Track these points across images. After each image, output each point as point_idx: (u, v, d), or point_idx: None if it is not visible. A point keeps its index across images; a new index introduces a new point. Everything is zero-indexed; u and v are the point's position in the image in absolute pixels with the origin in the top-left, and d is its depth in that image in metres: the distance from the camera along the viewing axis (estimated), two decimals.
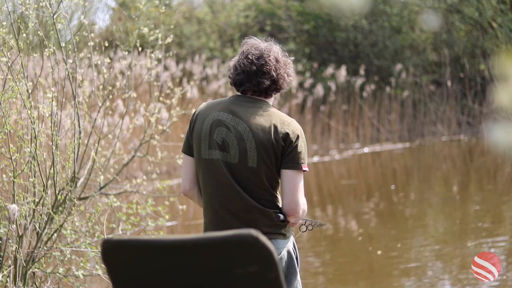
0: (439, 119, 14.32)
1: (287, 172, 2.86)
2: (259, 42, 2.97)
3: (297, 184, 2.86)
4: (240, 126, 2.86)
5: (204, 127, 2.91)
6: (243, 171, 2.84)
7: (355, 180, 10.34)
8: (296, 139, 2.86)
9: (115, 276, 2.22)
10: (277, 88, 2.95)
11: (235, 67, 2.95)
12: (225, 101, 2.96)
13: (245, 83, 2.91)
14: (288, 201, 2.86)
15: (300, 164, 2.86)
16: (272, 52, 2.93)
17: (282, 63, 2.95)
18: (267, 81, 2.90)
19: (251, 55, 2.92)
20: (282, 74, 2.93)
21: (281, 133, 2.84)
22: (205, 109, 2.97)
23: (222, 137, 2.87)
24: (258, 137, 2.83)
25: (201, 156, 2.91)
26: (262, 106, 2.91)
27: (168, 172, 10.22)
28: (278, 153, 2.85)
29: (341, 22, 14.45)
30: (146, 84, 9.42)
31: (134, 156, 5.25)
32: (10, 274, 4.13)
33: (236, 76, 2.93)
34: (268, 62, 2.90)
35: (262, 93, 2.94)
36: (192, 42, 14.28)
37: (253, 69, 2.90)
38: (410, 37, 14.83)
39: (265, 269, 2.09)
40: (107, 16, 13.49)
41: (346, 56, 14.64)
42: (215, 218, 2.91)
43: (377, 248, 6.46)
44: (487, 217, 7.59)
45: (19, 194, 4.23)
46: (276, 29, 14.80)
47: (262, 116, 2.87)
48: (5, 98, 4.13)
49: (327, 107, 13.59)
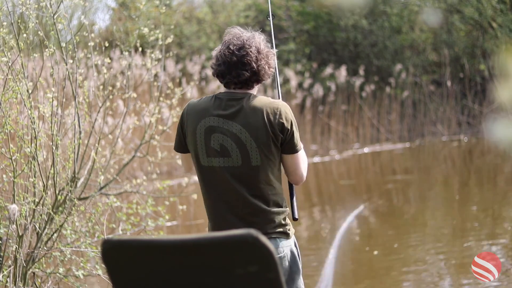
0: (439, 119, 14.32)
1: (288, 157, 2.93)
2: (242, 32, 2.93)
3: (298, 164, 2.95)
4: (234, 128, 2.83)
5: (198, 136, 2.88)
6: (248, 171, 2.84)
7: (355, 180, 10.34)
8: (291, 126, 2.87)
9: (115, 276, 2.22)
10: (258, 80, 2.91)
11: (217, 57, 2.92)
12: (209, 103, 2.90)
13: (226, 74, 2.88)
14: (293, 177, 2.99)
15: (298, 148, 2.93)
16: (254, 43, 2.89)
17: (264, 54, 2.90)
18: (247, 72, 2.86)
19: (232, 45, 2.88)
20: (263, 66, 2.89)
21: (277, 125, 2.83)
22: (193, 113, 2.92)
23: (220, 143, 2.84)
24: (255, 135, 2.82)
25: (201, 163, 2.90)
26: (247, 100, 2.87)
27: (168, 172, 10.22)
28: (278, 144, 2.86)
29: (341, 22, 14.45)
30: (145, 84, 9.42)
31: (134, 156, 5.25)
32: (10, 274, 4.13)
33: (218, 67, 2.91)
34: (249, 53, 2.86)
35: (244, 85, 2.90)
36: (192, 42, 14.28)
37: (233, 60, 2.86)
38: (410, 37, 14.83)
39: (265, 269, 2.09)
40: (107, 16, 13.49)
41: (346, 56, 14.64)
42: (222, 223, 2.90)
43: (376, 249, 6.46)
44: (487, 217, 7.59)
45: (19, 194, 4.23)
46: (276, 29, 14.79)
47: (251, 111, 2.84)
48: (6, 98, 4.13)
49: (327, 107, 13.59)
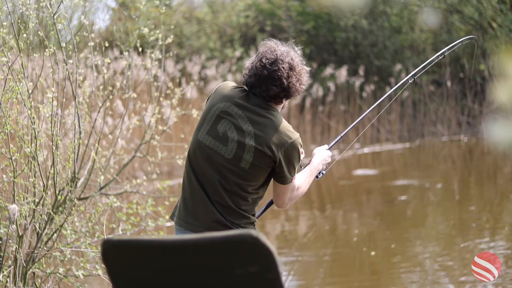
0: (439, 119, 14.32)
1: (276, 184, 2.96)
2: (278, 45, 2.91)
3: (285, 192, 2.96)
4: (245, 126, 2.84)
5: (212, 112, 2.89)
6: (232, 168, 2.84)
7: (354, 180, 10.34)
8: (286, 163, 2.86)
9: (115, 276, 2.22)
10: (287, 96, 2.89)
11: (249, 69, 2.91)
12: (240, 94, 2.91)
13: (256, 87, 2.87)
14: (275, 200, 3.02)
15: (287, 182, 2.92)
16: (288, 58, 2.87)
17: (297, 71, 2.89)
18: (276, 88, 2.84)
19: (265, 58, 2.86)
20: (293, 83, 2.87)
21: (279, 150, 2.83)
22: (222, 92, 2.93)
23: (225, 130, 2.85)
24: (258, 143, 2.82)
25: (197, 136, 2.91)
26: (271, 114, 2.87)
27: (169, 172, 10.22)
28: (271, 164, 2.86)
29: (341, 22, 14.45)
30: (143, 84, 9.42)
31: (134, 156, 5.25)
32: (10, 274, 4.13)
33: (249, 78, 2.90)
34: (281, 69, 2.84)
35: (272, 99, 2.89)
36: (192, 42, 14.28)
37: (264, 74, 2.84)
38: (410, 37, 14.83)
39: (265, 269, 2.09)
40: (107, 16, 13.48)
41: (346, 56, 14.64)
42: (190, 197, 2.93)
43: (375, 249, 6.46)
44: (487, 217, 7.59)
45: (19, 194, 4.23)
46: (276, 29, 14.80)
47: (267, 125, 2.84)
48: (6, 98, 4.13)
49: (327, 107, 13.59)
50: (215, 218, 2.86)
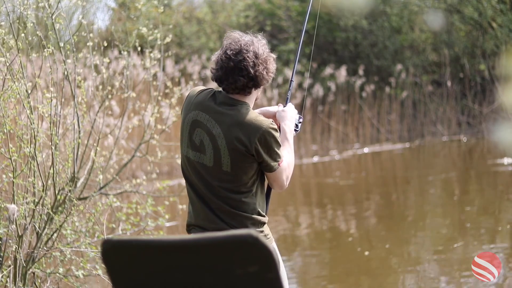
0: (439, 119, 14.32)
1: (265, 173, 2.93)
2: (241, 36, 2.90)
3: (276, 178, 2.92)
4: (214, 129, 2.83)
5: (185, 125, 2.90)
6: (218, 174, 2.84)
7: (354, 180, 10.34)
8: (265, 151, 2.83)
9: (115, 276, 2.22)
10: (256, 85, 2.87)
11: (216, 62, 2.90)
12: (207, 96, 2.90)
13: (224, 80, 2.86)
14: (271, 186, 2.99)
15: (274, 168, 2.88)
16: (252, 47, 2.85)
17: (263, 58, 2.86)
18: (244, 78, 2.82)
19: (229, 50, 2.84)
20: (260, 71, 2.85)
21: (251, 146, 2.80)
22: (190, 100, 2.93)
23: (200, 139, 2.85)
24: (230, 143, 2.80)
25: (182, 150, 2.93)
26: (239, 109, 2.85)
27: (168, 172, 10.22)
28: (251, 158, 2.83)
29: (341, 22, 14.44)
30: (142, 84, 9.41)
31: (133, 156, 5.25)
32: (10, 274, 4.12)
33: (216, 72, 2.89)
34: (246, 58, 2.82)
35: (241, 91, 2.87)
36: (192, 42, 14.28)
37: (230, 66, 2.83)
38: (410, 37, 14.82)
39: (265, 269, 2.08)
40: (107, 17, 13.48)
41: (346, 56, 14.64)
42: (195, 207, 2.92)
43: (374, 249, 6.46)
44: (487, 217, 7.58)
45: (18, 194, 4.23)
46: (276, 29, 14.79)
47: (236, 123, 2.81)
48: (5, 98, 4.13)
49: (327, 107, 13.59)
50: (218, 227, 2.85)
